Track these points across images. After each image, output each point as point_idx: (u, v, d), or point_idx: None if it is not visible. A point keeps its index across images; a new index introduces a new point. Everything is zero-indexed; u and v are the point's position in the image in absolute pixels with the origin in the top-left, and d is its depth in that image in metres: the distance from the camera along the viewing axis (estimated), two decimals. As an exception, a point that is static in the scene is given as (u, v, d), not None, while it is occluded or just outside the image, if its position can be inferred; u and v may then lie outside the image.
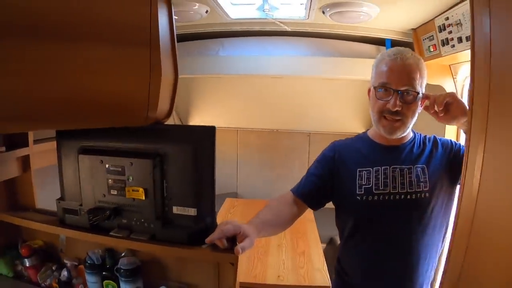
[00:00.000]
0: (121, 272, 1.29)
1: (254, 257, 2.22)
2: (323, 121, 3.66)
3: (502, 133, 0.68)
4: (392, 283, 1.33)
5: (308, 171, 1.46)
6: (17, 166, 1.45)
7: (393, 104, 1.21)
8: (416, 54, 1.30)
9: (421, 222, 1.28)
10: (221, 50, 2.90)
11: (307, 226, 2.77)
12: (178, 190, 1.17)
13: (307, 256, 2.28)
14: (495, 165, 0.71)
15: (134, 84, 1.04)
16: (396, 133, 1.27)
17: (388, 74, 1.24)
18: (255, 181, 4.14)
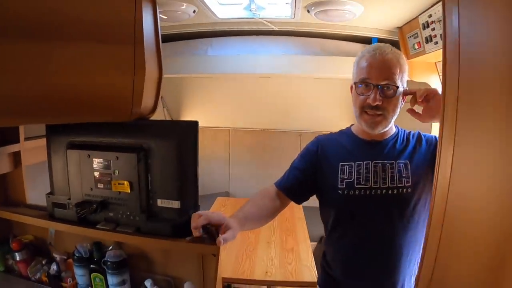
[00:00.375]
0: (108, 265, 1.32)
1: (242, 254, 2.25)
2: (314, 120, 3.68)
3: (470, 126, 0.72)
4: (374, 278, 1.34)
5: (292, 165, 1.48)
6: (8, 162, 1.49)
7: (373, 98, 1.23)
8: (396, 50, 1.31)
9: (403, 217, 1.29)
10: (210, 50, 2.93)
11: (297, 224, 2.80)
12: (162, 184, 1.20)
13: (295, 253, 2.30)
14: (464, 158, 0.74)
15: (118, 80, 1.07)
16: (378, 128, 1.29)
17: (368, 70, 1.26)
18: (246, 180, 4.18)
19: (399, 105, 1.29)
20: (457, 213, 0.77)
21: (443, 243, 0.80)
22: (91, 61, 1.03)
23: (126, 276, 1.34)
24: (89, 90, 1.06)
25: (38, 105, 1.03)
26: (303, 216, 2.95)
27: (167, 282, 1.35)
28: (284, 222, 2.82)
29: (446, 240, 0.79)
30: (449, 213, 0.78)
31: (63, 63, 0.99)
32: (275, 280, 2.01)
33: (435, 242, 0.82)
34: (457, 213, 0.77)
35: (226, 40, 2.92)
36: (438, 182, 0.82)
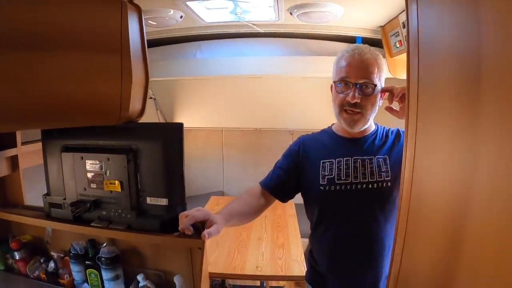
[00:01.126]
0: (102, 261, 1.39)
1: (234, 250, 2.31)
2: (305, 118, 3.71)
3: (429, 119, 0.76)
4: (358, 270, 1.38)
5: (275, 165, 1.53)
6: (6, 166, 1.55)
7: (352, 96, 1.27)
8: (374, 50, 1.35)
9: (384, 210, 1.33)
10: (199, 53, 3.00)
11: (288, 221, 2.86)
12: (151, 182, 1.27)
13: (286, 249, 2.35)
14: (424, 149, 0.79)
15: (107, 87, 1.14)
16: (357, 126, 1.32)
17: (347, 69, 1.30)
18: (240, 179, 4.24)
19: (377, 103, 1.34)
20: (419, 201, 0.82)
21: (409, 231, 0.84)
22: (81, 69, 1.10)
23: (119, 271, 1.42)
24: (80, 97, 1.12)
25: (34, 112, 1.10)
26: (294, 213, 3.01)
27: (158, 276, 1.43)
28: (276, 219, 2.89)
29: (412, 228, 0.84)
30: (413, 202, 0.83)
31: (55, 72, 1.06)
32: (265, 275, 2.07)
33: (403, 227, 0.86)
34: (419, 202, 0.81)
35: (214, 43, 2.99)
36: (405, 174, 0.86)
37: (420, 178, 0.81)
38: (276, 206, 3.01)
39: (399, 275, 0.89)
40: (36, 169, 1.68)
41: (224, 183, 4.51)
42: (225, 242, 2.43)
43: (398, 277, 0.89)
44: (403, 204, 0.87)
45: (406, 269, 0.87)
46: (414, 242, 0.84)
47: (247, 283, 3.41)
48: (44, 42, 1.03)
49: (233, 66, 2.99)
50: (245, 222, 1.47)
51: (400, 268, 0.88)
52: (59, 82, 1.08)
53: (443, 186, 0.72)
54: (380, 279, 1.35)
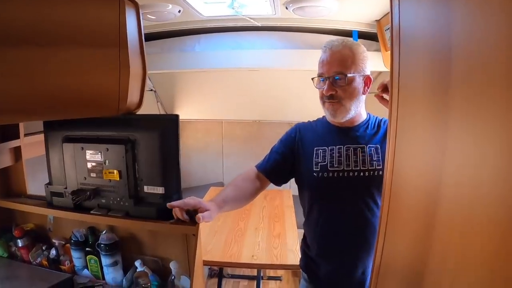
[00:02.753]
0: (101, 247, 1.45)
1: (231, 239, 2.36)
2: (303, 111, 3.57)
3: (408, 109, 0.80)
4: (348, 257, 1.43)
5: (272, 149, 1.60)
6: (9, 157, 1.61)
7: (326, 89, 1.35)
8: (351, 42, 1.40)
9: (375, 198, 1.37)
10: (197, 46, 3.04)
11: (286, 212, 2.90)
12: (148, 171, 1.32)
13: (282, 238, 2.40)
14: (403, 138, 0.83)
15: (105, 80, 1.19)
16: (338, 115, 1.38)
17: (321, 65, 1.38)
18: (239, 171, 4.15)
19: (358, 92, 1.37)
20: (398, 190, 0.86)
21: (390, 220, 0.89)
22: (80, 63, 1.14)
23: (118, 258, 1.47)
24: (80, 90, 1.17)
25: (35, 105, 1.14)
26: (292, 204, 3.06)
27: (155, 262, 1.48)
28: (274, 210, 2.93)
29: (392, 216, 0.88)
30: (394, 191, 0.87)
31: (56, 66, 1.10)
32: (260, 263, 2.12)
33: (384, 219, 0.91)
34: (399, 191, 0.85)
35: (213, 37, 3.02)
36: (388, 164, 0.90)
37: (400, 168, 0.85)
38: (275, 197, 3.10)
39: (381, 263, 0.93)
40: (38, 160, 1.73)
41: (224, 174, 4.55)
42: (223, 231, 2.48)
43: (380, 265, 0.93)
44: (385, 193, 0.91)
45: (387, 257, 0.91)
46: (394, 231, 0.88)
47: (245, 272, 3.48)
48: (43, 37, 1.07)
49: (231, 59, 3.02)
50: (240, 207, 1.52)
51: (382, 257, 0.92)
52: (59, 76, 1.12)
53: (418, 175, 0.76)
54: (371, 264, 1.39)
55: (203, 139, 4.51)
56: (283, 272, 3.55)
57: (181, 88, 4.01)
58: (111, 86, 1.19)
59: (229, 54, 3.02)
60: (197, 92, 4.07)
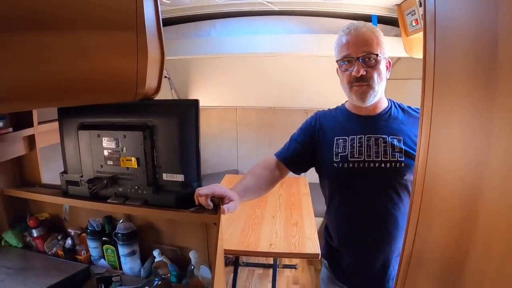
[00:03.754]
0: (118, 237, 1.42)
1: (248, 228, 2.33)
2: (320, 97, 3.66)
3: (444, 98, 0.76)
4: (369, 247, 1.39)
5: (291, 138, 1.55)
6: (23, 145, 1.58)
7: (357, 70, 1.29)
8: (371, 25, 1.37)
9: (397, 189, 1.33)
10: (213, 31, 2.98)
11: (302, 200, 2.86)
12: (167, 158, 1.29)
13: (299, 227, 2.36)
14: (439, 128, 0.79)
15: (123, 64, 1.15)
16: (368, 98, 1.32)
17: (347, 46, 1.32)
18: (254, 158, 4.12)
19: (384, 74, 1.34)
20: (433, 180, 0.82)
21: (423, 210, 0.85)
22: (97, 47, 1.10)
23: (136, 247, 1.45)
24: (97, 75, 1.13)
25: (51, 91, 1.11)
26: (308, 192, 3.02)
27: (174, 251, 1.46)
28: (290, 198, 2.89)
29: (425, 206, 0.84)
30: (427, 181, 0.83)
31: (73, 51, 1.07)
32: (278, 252, 2.08)
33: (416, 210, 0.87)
34: (434, 181, 0.82)
35: (229, 22, 2.96)
36: (420, 153, 0.86)
37: (435, 157, 0.81)
38: (291, 185, 3.07)
39: (412, 254, 0.89)
40: (51, 148, 1.70)
41: (238, 161, 4.53)
42: (240, 219, 2.46)
43: (411, 256, 0.90)
44: (417, 183, 0.87)
45: (419, 247, 0.87)
46: (427, 221, 0.84)
47: (260, 260, 3.47)
48: (59, 21, 1.03)
49: (248, 44, 2.96)
50: (260, 196, 1.49)
51: (413, 247, 0.89)
52: (76, 60, 1.08)
53: (458, 164, 0.72)
54: (392, 256, 1.37)
55: (217, 126, 4.46)
56: (298, 261, 3.53)
57: (196, 74, 3.98)
58: (128, 71, 1.16)
59: (246, 39, 2.96)
60: (211, 78, 4.03)
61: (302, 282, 3.24)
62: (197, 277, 1.38)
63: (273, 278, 2.58)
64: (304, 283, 3.23)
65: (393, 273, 1.37)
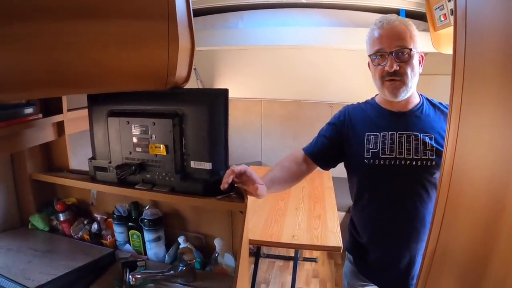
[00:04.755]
0: (145, 222, 1.45)
1: (271, 219, 2.34)
2: (345, 91, 3.64)
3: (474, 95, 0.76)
4: (397, 245, 1.39)
5: (319, 133, 1.53)
6: (52, 131, 1.61)
7: (390, 65, 1.27)
8: (403, 18, 1.33)
9: (426, 187, 1.32)
10: (241, 23, 2.99)
11: (325, 193, 2.86)
12: (196, 146, 1.31)
13: (322, 220, 2.36)
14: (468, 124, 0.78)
15: (155, 53, 1.17)
16: (400, 94, 1.30)
17: (379, 40, 1.30)
18: (278, 150, 4.24)
19: (417, 69, 1.31)
20: (460, 177, 0.82)
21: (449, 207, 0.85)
22: (129, 36, 1.12)
23: (161, 233, 1.48)
24: (129, 62, 1.15)
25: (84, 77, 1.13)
26: (332, 185, 3.01)
27: (199, 239, 1.48)
28: (313, 191, 2.90)
29: (451, 203, 0.84)
30: (454, 178, 0.83)
31: (105, 39, 1.09)
32: (301, 244, 2.09)
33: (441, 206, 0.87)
34: (461, 177, 0.82)
35: (257, 13, 2.97)
36: (447, 149, 0.86)
37: (463, 153, 0.81)
38: (314, 177, 3.09)
39: (436, 250, 0.90)
40: (79, 135, 1.74)
41: (262, 153, 4.54)
42: (263, 210, 2.47)
43: (435, 252, 0.90)
44: (444, 180, 0.87)
45: (443, 243, 0.87)
46: (453, 217, 0.84)
47: (281, 252, 3.49)
48: (92, 10, 1.05)
49: (275, 36, 2.97)
50: (285, 189, 1.49)
51: (437, 243, 0.89)
52: (108, 48, 1.10)
53: (486, 161, 0.72)
54: (418, 254, 1.37)
55: (242, 117, 4.48)
56: (318, 254, 3.54)
57: (221, 65, 4.00)
58: (160, 59, 1.17)
59: (273, 31, 2.95)
60: (237, 70, 4.05)
61: (322, 276, 3.25)
62: (221, 265, 1.41)
63: (293, 270, 2.59)
64: (323, 277, 3.24)
65: (417, 272, 1.35)
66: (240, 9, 2.97)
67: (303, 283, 3.12)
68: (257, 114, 4.48)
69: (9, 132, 1.38)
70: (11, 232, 1.67)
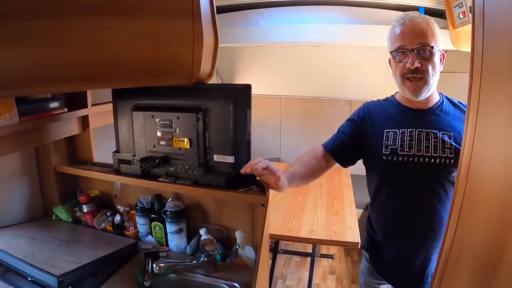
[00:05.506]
0: (167, 214, 1.49)
1: (290, 214, 2.37)
2: (364, 88, 3.68)
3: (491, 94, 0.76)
4: (412, 242, 1.40)
5: (339, 129, 1.54)
6: (77, 125, 1.66)
7: (411, 62, 1.26)
8: (425, 16, 1.34)
9: (444, 185, 1.32)
10: (261, 20, 3.02)
11: (344, 190, 2.88)
12: (219, 140, 1.34)
13: (340, 216, 2.38)
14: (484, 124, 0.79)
15: (180, 49, 1.19)
16: (421, 93, 1.30)
17: (401, 37, 1.30)
18: (297, 147, 4.24)
19: (438, 67, 1.31)
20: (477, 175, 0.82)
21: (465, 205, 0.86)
22: (156, 32, 1.15)
23: (183, 225, 1.52)
24: (155, 58, 1.18)
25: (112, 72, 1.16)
26: (350, 182, 3.03)
27: (220, 231, 1.52)
28: (332, 187, 2.92)
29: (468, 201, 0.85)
30: (471, 176, 0.84)
31: (132, 35, 1.12)
32: (319, 239, 2.11)
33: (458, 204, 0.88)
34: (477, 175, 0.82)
35: (277, 11, 2.99)
36: (464, 148, 0.86)
37: (479, 152, 0.81)
38: (332, 174, 3.12)
39: (452, 248, 0.91)
40: (101, 130, 1.78)
41: (281, 150, 4.55)
42: (282, 206, 2.50)
43: (451, 249, 0.91)
44: (460, 178, 0.88)
45: (460, 240, 0.88)
46: (469, 214, 0.85)
47: (298, 248, 3.52)
48: (120, 7, 1.09)
49: (295, 34, 2.99)
50: (305, 184, 1.51)
51: (453, 240, 0.90)
52: (135, 44, 1.13)
53: (502, 159, 0.72)
54: (434, 252, 1.37)
55: (261, 114, 4.47)
56: (335, 251, 3.56)
57: (241, 62, 4.03)
58: (185, 55, 1.20)
59: (293, 29, 2.97)
60: (256, 66, 4.07)
61: (339, 273, 3.27)
62: (241, 257, 1.44)
63: (311, 265, 2.61)
64: (340, 274, 3.25)
65: (432, 270, 1.34)
66: (260, 6, 3.00)
67: (319, 279, 3.14)
68: (276, 111, 4.48)
69: (36, 126, 1.43)
70: (35, 223, 1.71)
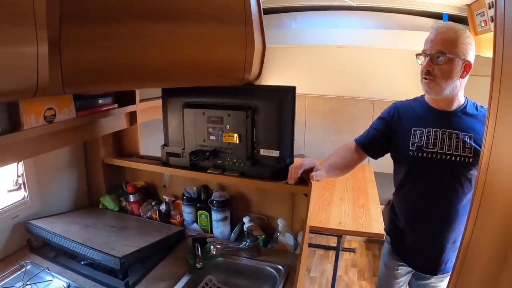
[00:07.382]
0: (213, 203, 1.63)
1: (319, 207, 2.50)
2: (387, 89, 3.81)
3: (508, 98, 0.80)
4: (430, 231, 1.54)
5: (371, 126, 1.68)
6: (126, 120, 1.78)
7: (425, 65, 1.41)
8: (459, 27, 1.44)
9: (462, 182, 1.44)
10: (294, 23, 3.17)
11: (368, 185, 3.02)
12: (265, 136, 1.48)
13: (366, 209, 2.51)
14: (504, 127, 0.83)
15: (234, 53, 1.31)
16: (431, 92, 1.44)
17: (426, 43, 1.45)
18: (320, 144, 4.35)
19: (455, 74, 1.40)
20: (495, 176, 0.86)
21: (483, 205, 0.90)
22: (212, 38, 1.27)
23: (227, 214, 1.65)
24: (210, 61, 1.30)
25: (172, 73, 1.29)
26: (373, 178, 3.17)
27: (262, 219, 1.65)
28: (357, 183, 3.04)
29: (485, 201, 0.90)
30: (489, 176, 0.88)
31: (190, 40, 1.24)
32: (348, 230, 2.25)
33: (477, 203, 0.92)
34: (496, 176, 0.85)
35: (309, 15, 3.14)
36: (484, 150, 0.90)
37: (498, 154, 0.85)
38: (357, 171, 3.22)
39: (469, 245, 0.96)
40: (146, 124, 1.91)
41: (305, 147, 4.64)
42: (310, 199, 2.59)
43: (468, 247, 0.97)
44: (480, 178, 0.91)
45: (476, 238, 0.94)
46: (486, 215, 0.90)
47: (321, 242, 3.68)
48: (179, 14, 1.21)
49: (326, 37, 3.13)
50: (341, 175, 1.66)
51: (471, 239, 0.96)
52: (194, 48, 1.25)
53: None
54: (449, 241, 1.51)
55: None
56: (357, 245, 3.71)
57: (268, 62, 4.09)
58: (238, 59, 1.32)
59: (324, 32, 3.11)
60: (283, 66, 4.19)
61: (360, 266, 3.40)
62: (281, 243, 1.58)
63: (336, 257, 2.70)
64: (361, 267, 3.38)
65: (446, 257, 1.53)
66: (293, 10, 3.15)
67: (342, 272, 3.27)
68: (301, 109, 4.54)
69: (90, 120, 1.55)
70: (83, 211, 1.85)
